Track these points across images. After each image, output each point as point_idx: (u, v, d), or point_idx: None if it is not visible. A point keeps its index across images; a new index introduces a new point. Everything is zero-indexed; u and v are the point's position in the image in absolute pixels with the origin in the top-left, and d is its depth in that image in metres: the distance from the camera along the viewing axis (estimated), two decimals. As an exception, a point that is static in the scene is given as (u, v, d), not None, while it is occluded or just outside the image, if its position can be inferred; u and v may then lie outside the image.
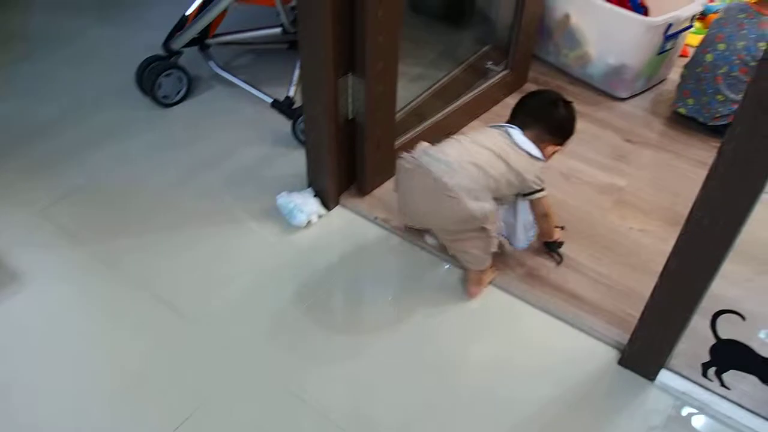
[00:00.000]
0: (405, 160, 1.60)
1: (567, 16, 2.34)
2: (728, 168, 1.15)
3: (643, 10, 2.46)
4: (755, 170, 1.12)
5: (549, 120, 1.68)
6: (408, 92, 2.04)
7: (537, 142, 1.64)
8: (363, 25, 1.60)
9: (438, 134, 2.09)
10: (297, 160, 1.97)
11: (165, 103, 2.26)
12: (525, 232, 1.71)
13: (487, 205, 1.53)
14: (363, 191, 1.94)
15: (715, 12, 2.77)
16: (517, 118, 1.71)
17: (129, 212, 1.88)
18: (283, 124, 2.14)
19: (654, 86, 2.43)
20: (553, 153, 1.71)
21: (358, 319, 1.66)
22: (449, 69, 2.26)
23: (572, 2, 2.32)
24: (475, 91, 2.22)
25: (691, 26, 2.31)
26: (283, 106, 2.14)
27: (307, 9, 1.56)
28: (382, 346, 1.56)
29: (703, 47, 2.15)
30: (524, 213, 1.68)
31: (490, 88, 2.26)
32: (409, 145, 1.98)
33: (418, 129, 2.04)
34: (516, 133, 1.63)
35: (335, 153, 1.81)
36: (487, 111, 2.27)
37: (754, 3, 2.07)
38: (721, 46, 2.07)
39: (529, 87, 2.39)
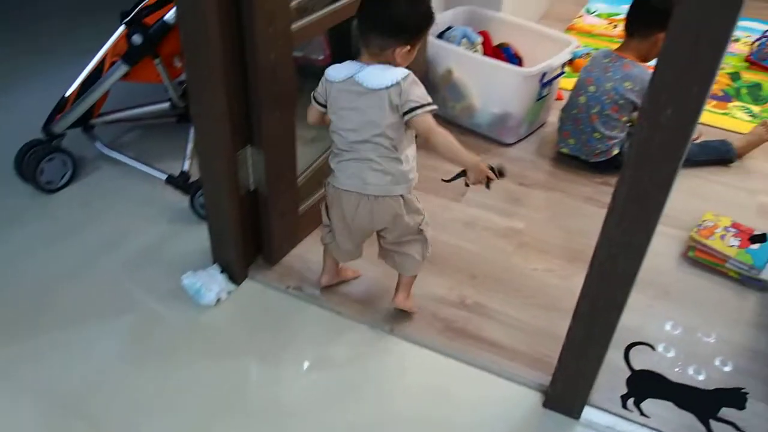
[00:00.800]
0: (327, 188, 1.61)
1: (449, 71, 2.43)
2: (623, 211, 1.21)
3: (517, 61, 2.61)
4: (648, 210, 1.19)
5: (380, 26, 1.44)
6: (307, 156, 2.03)
7: (383, 59, 1.46)
8: (258, 99, 1.58)
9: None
10: (199, 235, 1.90)
11: (49, 189, 2.13)
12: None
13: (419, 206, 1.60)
14: (271, 261, 1.89)
15: (581, 57, 2.98)
16: (361, 33, 1.47)
17: (18, 315, 1.73)
18: (181, 199, 2.07)
19: (536, 130, 2.55)
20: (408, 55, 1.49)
21: (278, 396, 1.60)
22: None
23: (453, 58, 2.41)
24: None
25: (563, 72, 2.46)
26: (179, 182, 2.07)
27: (199, 85, 1.53)
28: (304, 417, 1.50)
29: (576, 91, 2.30)
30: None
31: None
32: (314, 210, 1.98)
33: (320, 192, 2.02)
34: (363, 75, 1.45)
35: (239, 226, 1.77)
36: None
37: (616, 50, 2.25)
38: (592, 89, 2.23)
39: (422, 141, 2.44)
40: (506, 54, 2.60)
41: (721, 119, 2.70)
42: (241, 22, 1.48)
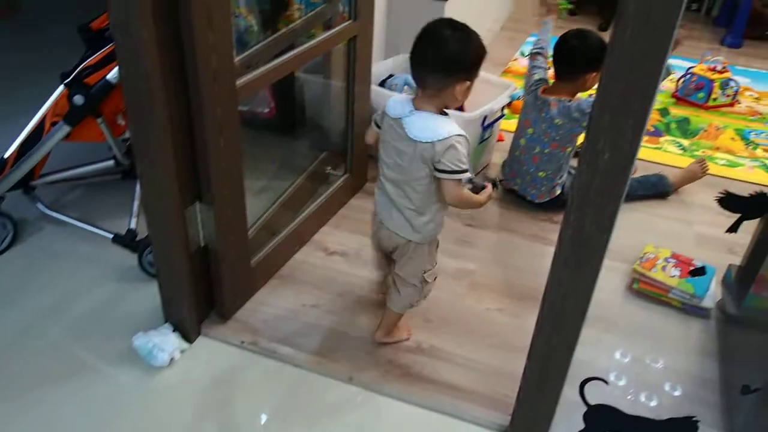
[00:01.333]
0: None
1: (393, 118, 2.47)
2: (569, 253, 1.25)
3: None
4: (593, 251, 1.23)
5: (437, 67, 1.45)
6: (256, 208, 2.03)
7: (441, 98, 1.49)
8: (205, 155, 1.58)
9: (292, 244, 2.11)
10: (149, 294, 1.86)
11: (-11, 254, 2.05)
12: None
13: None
14: (225, 317, 1.86)
15: (519, 98, 3.08)
16: (415, 76, 1.50)
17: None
18: (129, 258, 2.02)
19: (480, 171, 2.61)
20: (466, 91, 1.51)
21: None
22: (292, 179, 2.28)
23: (396, 105, 2.46)
24: (321, 198, 2.25)
25: (503, 115, 2.54)
26: (125, 240, 2.03)
27: (145, 143, 1.52)
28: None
29: (517, 133, 2.39)
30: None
31: (334, 193, 2.30)
32: (267, 262, 1.97)
33: (271, 243, 2.01)
34: (409, 121, 1.48)
35: (190, 283, 1.73)
36: (334, 215, 2.31)
37: (543, 91, 2.34)
38: (530, 131, 2.31)
39: (370, 187, 2.47)
40: (447, 99, 2.66)
41: (653, 153, 2.82)
42: (185, 79, 1.48)
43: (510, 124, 2.86)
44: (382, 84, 2.59)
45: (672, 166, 2.70)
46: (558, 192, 2.33)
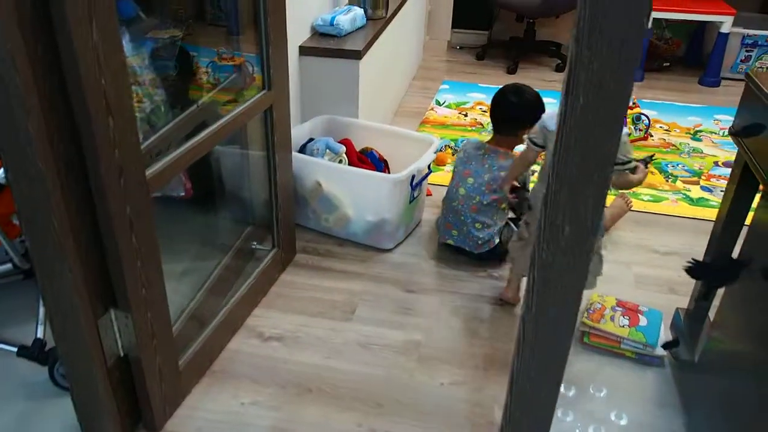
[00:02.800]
0: None
1: (318, 184, 2.33)
2: (535, 342, 1.13)
3: (383, 164, 2.56)
4: (561, 336, 1.12)
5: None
6: (181, 297, 1.83)
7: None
8: (116, 257, 1.38)
9: (224, 334, 1.91)
10: (64, 409, 1.62)
11: None
12: None
13: None
14: (154, 428, 1.63)
15: (442, 150, 3.02)
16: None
17: None
18: (38, 370, 1.76)
19: (413, 231, 2.49)
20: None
21: None
22: (217, 260, 2.09)
23: (320, 170, 2.32)
24: (250, 278, 2.06)
25: (430, 171, 2.44)
26: (33, 352, 1.76)
27: (44, 252, 1.30)
28: None
29: (455, 183, 2.29)
30: None
31: (263, 270, 2.12)
32: (197, 360, 1.76)
33: (200, 337, 1.81)
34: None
35: (110, 398, 1.51)
36: (266, 294, 2.12)
37: (487, 142, 2.29)
38: (470, 180, 2.23)
39: (300, 258, 2.30)
40: (371, 159, 2.55)
41: (579, 194, 2.79)
42: (86, 177, 1.29)
43: (437, 178, 2.78)
44: (302, 149, 2.45)
45: (599, 205, 2.67)
46: (496, 241, 2.24)
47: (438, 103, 3.73)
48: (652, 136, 3.35)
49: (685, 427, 1.69)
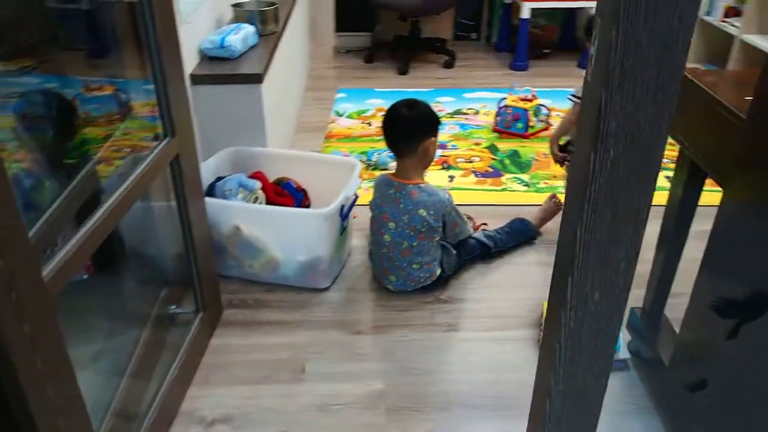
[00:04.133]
0: None
1: (237, 228, 2.03)
2: (561, 411, 0.94)
3: (302, 194, 2.30)
4: (590, 405, 0.94)
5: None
6: (100, 391, 1.50)
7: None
8: (18, 386, 1.04)
9: (159, 428, 1.59)
10: None
11: None
12: None
13: None
14: None
15: (372, 161, 2.82)
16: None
17: None
18: None
19: (346, 262, 2.25)
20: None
21: None
22: (135, 335, 1.75)
23: (237, 214, 2.03)
24: (179, 351, 1.74)
25: (356, 197, 2.19)
26: None
27: None
28: None
29: (377, 229, 2.04)
30: None
31: (191, 339, 1.80)
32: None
33: (132, 440, 1.48)
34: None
35: None
36: (198, 368, 1.81)
37: (393, 176, 2.04)
38: (392, 225, 1.99)
39: (229, 315, 2.00)
40: (288, 190, 2.28)
41: (502, 196, 2.66)
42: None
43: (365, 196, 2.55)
44: (210, 189, 2.14)
45: (523, 205, 2.56)
46: (438, 273, 2.05)
47: (338, 114, 3.49)
48: (552, 125, 3.28)
49: (664, 426, 1.58)
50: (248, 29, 2.46)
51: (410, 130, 2.00)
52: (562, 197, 2.50)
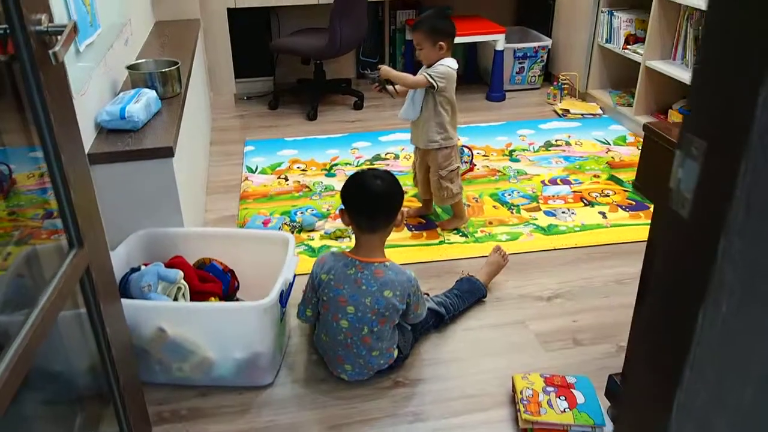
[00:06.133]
0: None
1: (161, 330, 1.73)
2: None
3: (229, 276, 2.03)
4: None
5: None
6: None
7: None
8: None
9: None
10: None
11: None
12: None
13: None
14: None
15: (279, 229, 2.53)
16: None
17: None
18: None
19: (286, 348, 2.00)
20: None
21: None
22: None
23: (161, 315, 1.73)
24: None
25: (295, 277, 1.95)
26: None
27: None
28: None
29: (332, 314, 1.79)
30: None
31: (119, 478, 1.49)
32: None
33: None
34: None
35: None
36: None
37: (352, 254, 1.82)
38: (351, 309, 1.75)
39: (159, 429, 1.69)
40: (214, 273, 2.00)
41: (442, 251, 2.50)
42: None
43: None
44: (123, 284, 1.83)
45: (466, 258, 2.41)
46: (396, 354, 1.85)
47: (250, 170, 3.22)
48: (476, 165, 3.19)
49: None
50: (149, 94, 2.17)
51: (393, 202, 1.83)
52: (505, 246, 2.38)
